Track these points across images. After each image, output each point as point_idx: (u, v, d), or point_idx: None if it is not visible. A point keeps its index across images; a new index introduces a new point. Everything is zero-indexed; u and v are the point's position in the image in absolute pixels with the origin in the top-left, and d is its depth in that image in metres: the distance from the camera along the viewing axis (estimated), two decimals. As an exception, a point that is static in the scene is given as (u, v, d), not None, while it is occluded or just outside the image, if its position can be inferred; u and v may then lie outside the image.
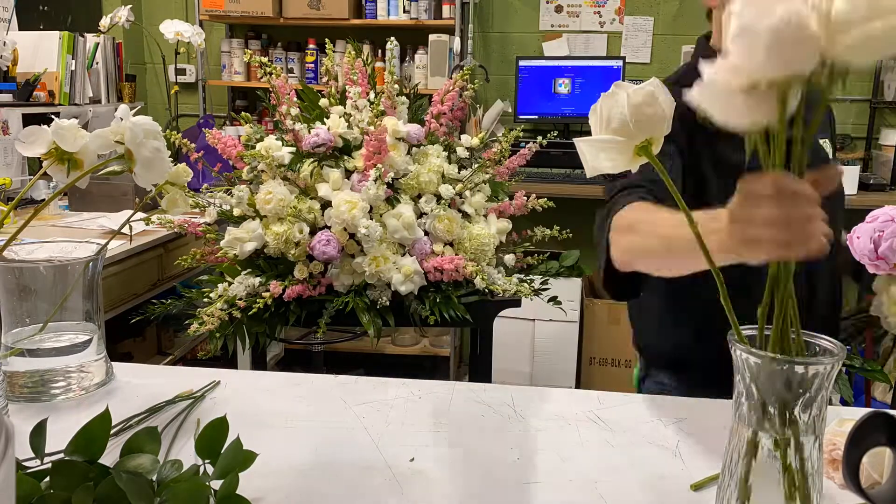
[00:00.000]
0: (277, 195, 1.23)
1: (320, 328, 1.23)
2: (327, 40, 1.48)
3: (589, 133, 0.58)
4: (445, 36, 3.22)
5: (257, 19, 3.30)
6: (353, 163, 1.31)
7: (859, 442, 0.51)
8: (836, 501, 0.68)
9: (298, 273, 1.25)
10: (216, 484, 0.63)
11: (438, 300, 1.27)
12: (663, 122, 0.55)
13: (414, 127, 1.35)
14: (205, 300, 1.26)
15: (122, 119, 0.77)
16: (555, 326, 3.11)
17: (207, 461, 0.66)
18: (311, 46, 3.39)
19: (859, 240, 1.00)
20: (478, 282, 1.26)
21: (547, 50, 3.48)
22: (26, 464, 0.63)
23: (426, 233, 1.31)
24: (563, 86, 3.31)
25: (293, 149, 1.31)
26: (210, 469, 0.65)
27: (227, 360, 2.43)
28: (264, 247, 1.25)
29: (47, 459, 0.62)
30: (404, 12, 3.23)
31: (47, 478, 0.60)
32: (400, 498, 0.70)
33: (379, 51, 3.37)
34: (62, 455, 0.61)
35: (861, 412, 0.54)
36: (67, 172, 0.77)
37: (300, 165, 1.29)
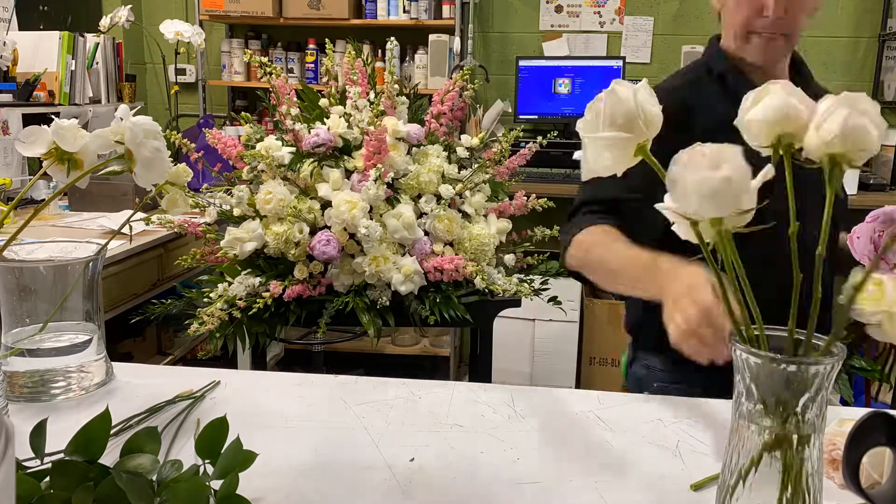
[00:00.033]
0: (277, 195, 1.23)
1: (320, 328, 1.23)
2: (327, 40, 1.48)
3: None
4: (445, 36, 3.22)
5: (257, 19, 3.30)
6: (353, 163, 1.31)
7: (859, 442, 0.51)
8: (836, 501, 0.68)
9: (298, 273, 1.25)
10: (216, 484, 0.63)
11: (438, 300, 1.27)
12: (661, 122, 0.56)
13: (414, 127, 1.35)
14: (205, 300, 1.26)
15: (122, 119, 0.77)
16: (555, 326, 3.11)
17: (207, 461, 0.66)
18: (311, 46, 3.39)
19: (859, 240, 1.00)
20: (478, 282, 1.26)
21: (547, 50, 3.48)
22: (26, 464, 0.63)
23: (426, 233, 1.31)
24: (563, 86, 3.31)
25: (293, 149, 1.31)
26: (210, 469, 0.65)
27: (227, 360, 2.44)
28: (264, 247, 1.25)
29: (47, 459, 0.62)
30: (404, 12, 3.23)
31: (47, 478, 0.60)
32: (400, 498, 0.70)
33: (379, 51, 3.37)
34: (62, 455, 0.61)
35: (861, 412, 0.54)
36: (67, 172, 0.77)
37: (300, 165, 1.29)
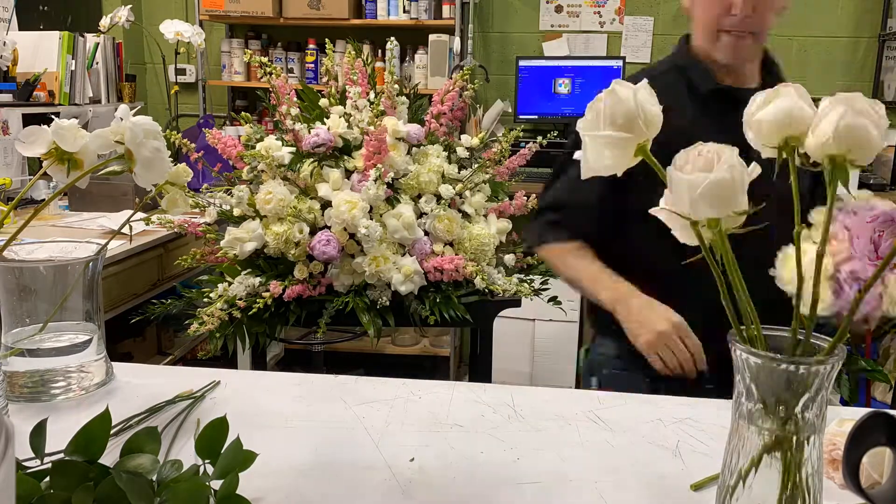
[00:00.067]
0: (277, 195, 1.23)
1: (320, 328, 1.23)
2: (327, 40, 1.48)
3: None
4: (445, 36, 3.22)
5: (257, 19, 3.30)
6: (353, 163, 1.31)
7: (859, 442, 0.51)
8: (836, 501, 0.67)
9: (298, 273, 1.25)
10: (216, 484, 0.63)
11: (438, 300, 1.27)
12: (660, 121, 0.56)
13: (414, 127, 1.35)
14: (205, 300, 1.26)
15: (122, 119, 0.77)
16: (555, 326, 3.11)
17: (207, 461, 0.66)
18: (311, 46, 3.39)
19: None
20: (478, 282, 1.26)
21: (547, 50, 3.48)
22: (26, 464, 0.63)
23: (426, 233, 1.31)
24: (563, 86, 3.31)
25: (293, 149, 1.31)
26: (210, 469, 0.65)
27: (227, 360, 2.44)
28: (264, 247, 1.25)
29: (47, 459, 0.62)
30: (404, 12, 3.23)
31: (47, 478, 0.60)
32: (400, 498, 0.70)
33: (379, 51, 3.37)
34: (62, 455, 0.61)
35: (861, 412, 0.54)
36: (67, 172, 0.77)
37: (300, 165, 1.29)
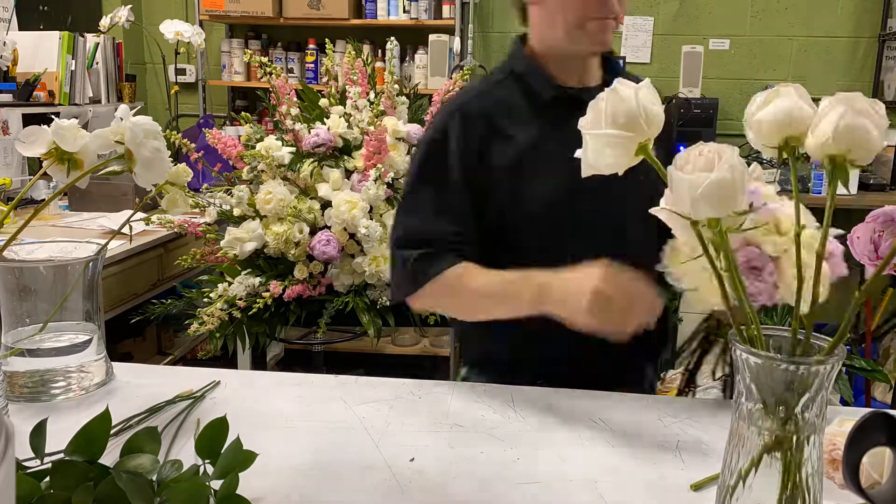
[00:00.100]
0: (277, 195, 1.23)
1: (320, 328, 1.24)
2: (327, 40, 1.49)
3: None
4: (445, 36, 3.22)
5: (257, 19, 3.29)
6: (353, 163, 1.31)
7: (859, 442, 0.51)
8: (836, 501, 0.67)
9: (298, 273, 1.25)
10: (216, 484, 0.63)
11: (438, 300, 1.27)
12: (662, 121, 0.56)
13: (414, 127, 1.36)
14: (205, 300, 1.26)
15: (122, 119, 0.77)
16: (555, 326, 3.10)
17: (207, 461, 0.66)
18: (311, 46, 3.39)
19: (859, 240, 1.00)
20: (478, 282, 1.26)
21: (547, 50, 3.48)
22: (26, 464, 0.63)
23: (426, 233, 1.31)
24: (563, 86, 3.31)
25: (293, 149, 1.31)
26: (210, 469, 0.65)
27: (227, 360, 2.43)
28: (264, 247, 1.25)
29: (47, 459, 0.62)
30: (404, 12, 3.23)
31: (47, 478, 0.60)
32: (400, 498, 0.70)
33: (379, 51, 3.37)
34: (62, 455, 0.61)
35: (861, 412, 0.54)
36: (67, 172, 0.77)
37: (300, 165, 1.29)
